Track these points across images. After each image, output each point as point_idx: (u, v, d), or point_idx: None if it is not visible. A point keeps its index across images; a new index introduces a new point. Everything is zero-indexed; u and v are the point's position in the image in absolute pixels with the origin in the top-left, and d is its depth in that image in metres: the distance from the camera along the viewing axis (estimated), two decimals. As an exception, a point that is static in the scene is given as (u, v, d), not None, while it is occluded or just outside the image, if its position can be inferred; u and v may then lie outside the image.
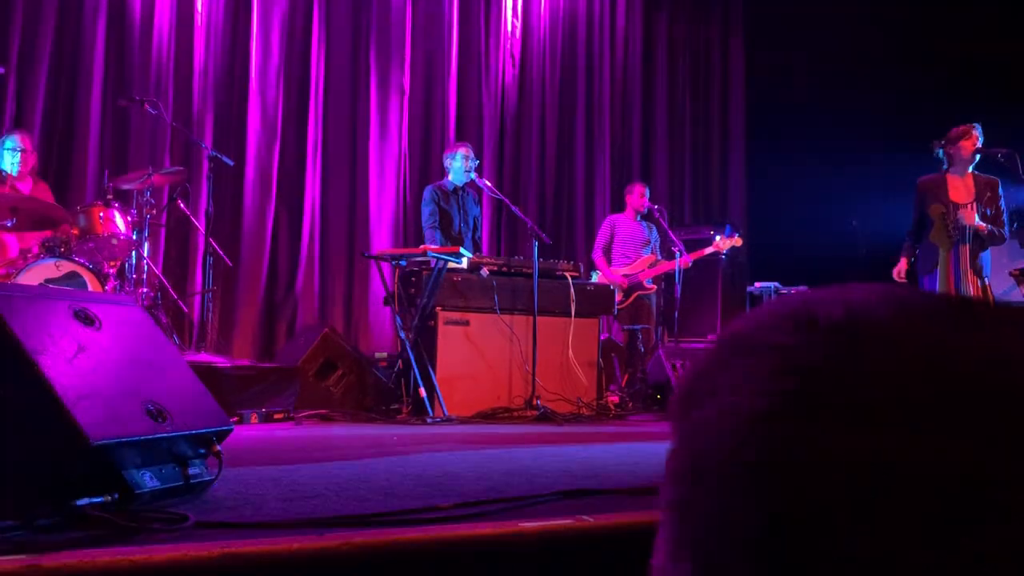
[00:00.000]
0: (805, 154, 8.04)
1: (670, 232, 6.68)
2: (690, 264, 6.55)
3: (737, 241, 6.75)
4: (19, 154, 5.09)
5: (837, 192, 7.85)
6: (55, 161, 6.05)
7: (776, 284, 7.38)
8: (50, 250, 4.63)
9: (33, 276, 4.45)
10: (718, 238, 6.78)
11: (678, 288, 6.52)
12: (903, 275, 5.37)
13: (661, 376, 5.82)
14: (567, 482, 2.44)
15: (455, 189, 6.00)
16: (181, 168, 5.67)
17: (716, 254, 6.78)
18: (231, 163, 5.86)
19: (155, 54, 6.48)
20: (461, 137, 7.60)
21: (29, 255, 4.66)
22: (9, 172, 5.08)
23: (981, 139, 5.20)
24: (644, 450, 3.50)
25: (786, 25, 8.56)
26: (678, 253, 6.46)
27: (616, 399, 5.81)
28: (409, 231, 7.38)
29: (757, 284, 7.52)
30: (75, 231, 4.75)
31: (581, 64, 8.51)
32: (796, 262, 7.59)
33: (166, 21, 6.54)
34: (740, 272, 7.69)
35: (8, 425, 1.96)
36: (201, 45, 6.68)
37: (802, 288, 7.11)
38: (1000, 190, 5.26)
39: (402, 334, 5.11)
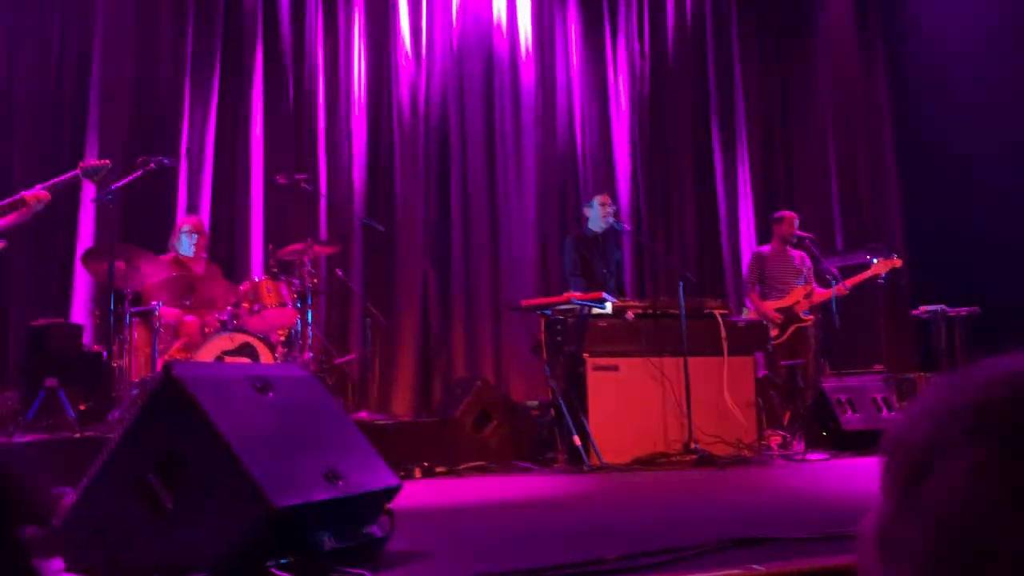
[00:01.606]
0: (965, 162, 7.58)
1: (823, 259, 6.42)
2: (848, 291, 6.27)
3: (896, 262, 6.41)
4: (195, 237, 5.56)
5: (1008, 200, 7.30)
6: (223, 240, 6.55)
7: (942, 307, 6.93)
8: (224, 324, 4.99)
9: (211, 350, 4.81)
10: (875, 261, 6.46)
11: (836, 318, 6.24)
12: None
13: (826, 412, 5.56)
14: (734, 529, 2.37)
15: (595, 236, 6.04)
16: (337, 238, 6.00)
17: (874, 278, 6.45)
18: (382, 229, 6.15)
19: (307, 133, 6.93)
20: (597, 183, 7.67)
21: (206, 330, 5.04)
22: (185, 255, 5.54)
23: None
24: (813, 493, 3.35)
25: (929, 29, 8.17)
26: (834, 281, 6.20)
27: (778, 439, 5.59)
28: (551, 280, 7.48)
29: (922, 308, 7.09)
30: (245, 305, 5.11)
31: (714, 96, 8.43)
32: (964, 281, 7.11)
33: (317, 100, 6.99)
34: (902, 296, 7.29)
35: (201, 493, 2.12)
36: (346, 121, 7.10)
37: (974, 310, 6.66)
38: None
39: (552, 383, 5.15)
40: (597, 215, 6.01)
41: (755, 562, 1.88)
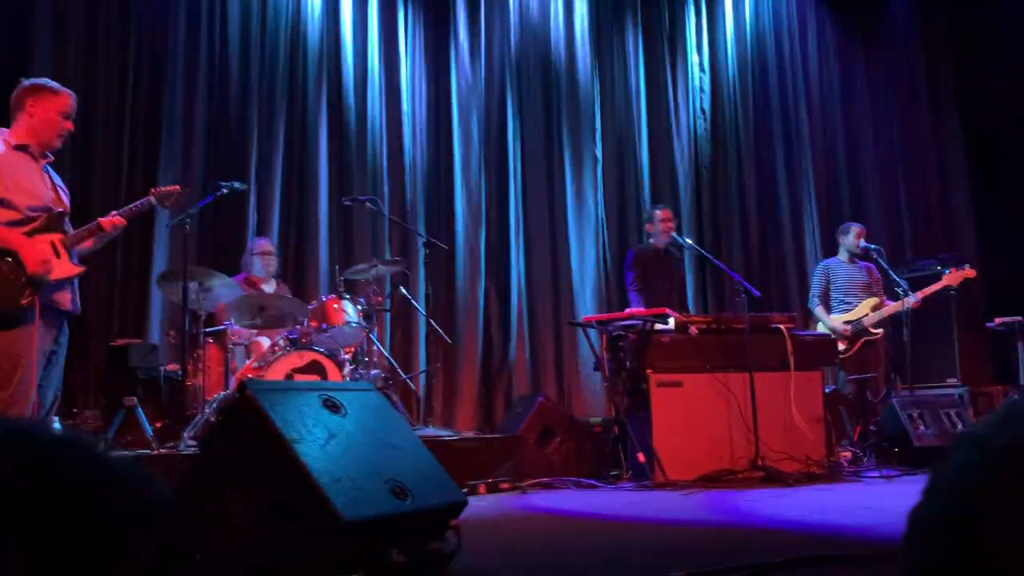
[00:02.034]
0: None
1: (891, 271, 6.28)
2: (919, 304, 6.11)
3: (969, 273, 6.22)
4: (266, 258, 5.73)
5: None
6: (292, 261, 6.72)
7: (1020, 319, 6.70)
8: (293, 342, 5.12)
9: (280, 368, 4.93)
10: (947, 272, 6.28)
11: (907, 331, 6.09)
12: None
13: (897, 428, 5.42)
14: (804, 547, 2.34)
15: (657, 251, 6.01)
16: (400, 257, 6.11)
17: (946, 290, 6.27)
18: (444, 247, 6.24)
19: (370, 155, 7.08)
20: (656, 197, 7.65)
21: (276, 348, 5.18)
22: (256, 276, 5.71)
23: None
24: (884, 510, 3.28)
25: (999, 35, 7.95)
26: (903, 293, 6.06)
27: (848, 455, 5.47)
28: (612, 295, 7.46)
29: (998, 320, 6.86)
30: (314, 323, 5.23)
31: (775, 108, 8.34)
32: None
33: (378, 125, 7.14)
34: (976, 308, 7.07)
35: (274, 507, 2.19)
36: (409, 142, 7.22)
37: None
38: None
39: (615, 399, 5.13)
40: (658, 229, 6.00)
41: (824, 580, 1.86)
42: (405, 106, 7.24)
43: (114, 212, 3.70)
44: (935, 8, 8.80)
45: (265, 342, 5.37)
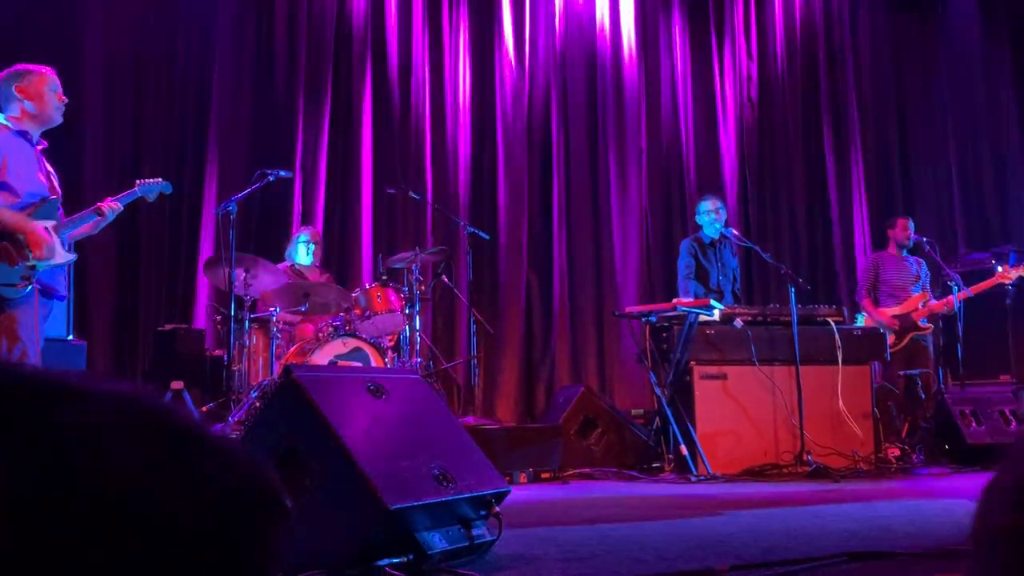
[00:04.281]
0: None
1: (943, 265, 6.13)
2: (969, 297, 5.95)
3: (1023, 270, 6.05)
4: (312, 247, 5.78)
5: None
6: (336, 249, 6.77)
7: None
8: (337, 329, 5.16)
9: (324, 354, 4.98)
10: (1001, 268, 6.11)
11: (960, 326, 5.94)
12: None
13: (948, 424, 5.29)
14: (852, 544, 2.30)
15: (711, 242, 5.93)
16: (443, 246, 6.12)
17: (1001, 285, 6.11)
18: (487, 237, 6.24)
19: (413, 144, 7.10)
20: (702, 187, 7.55)
21: (320, 335, 5.22)
22: (301, 263, 5.76)
23: None
24: (934, 507, 3.20)
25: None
26: (955, 287, 5.91)
27: (897, 451, 5.35)
28: (656, 286, 7.40)
29: (1054, 316, 6.65)
30: (357, 311, 5.26)
31: (825, 98, 8.18)
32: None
33: (424, 112, 7.16)
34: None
35: (319, 492, 2.20)
36: (451, 131, 7.23)
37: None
38: None
39: (657, 391, 5.09)
40: (708, 220, 5.91)
41: (874, 577, 1.81)
42: (449, 96, 7.24)
43: (109, 198, 3.77)
44: (994, -2, 8.55)
45: (309, 329, 5.42)
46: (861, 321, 6.11)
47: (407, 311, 5.43)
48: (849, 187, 8.07)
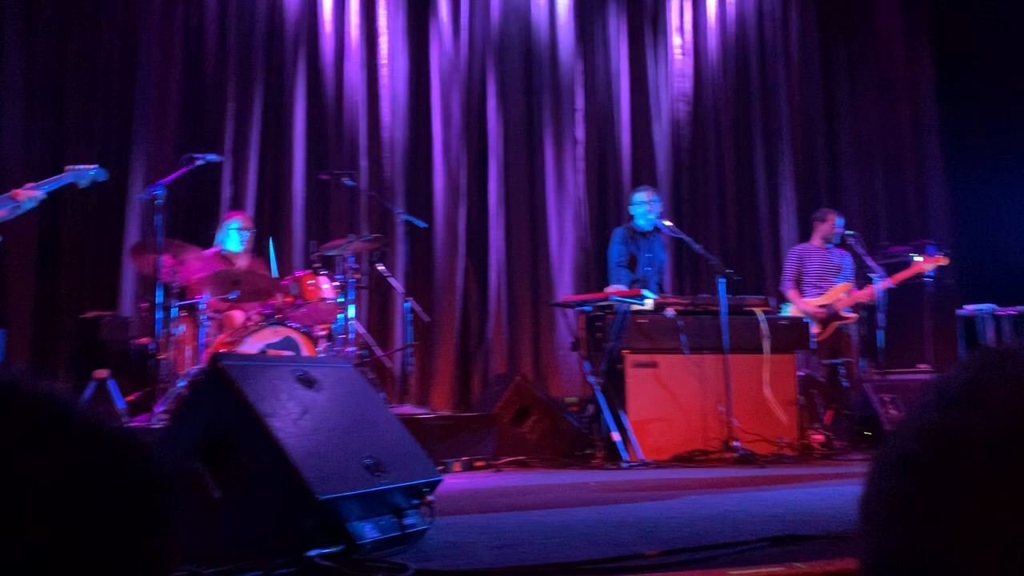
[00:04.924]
0: (1014, 161, 7.42)
1: (867, 257, 6.33)
2: (891, 287, 6.17)
3: (941, 260, 6.28)
4: (245, 234, 5.66)
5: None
6: (268, 235, 6.64)
7: (993, 306, 6.78)
8: (268, 318, 5.07)
9: (255, 342, 4.89)
10: (919, 258, 6.34)
11: (881, 316, 6.15)
12: None
13: (868, 411, 5.48)
14: (775, 527, 2.36)
15: (643, 232, 6.02)
16: (378, 233, 6.06)
17: (919, 276, 6.34)
18: (423, 225, 6.20)
19: (348, 129, 7.01)
20: (637, 179, 7.64)
21: (250, 324, 5.13)
22: (231, 250, 5.64)
23: None
24: (855, 491, 3.31)
25: (977, 23, 8.01)
26: (876, 278, 6.11)
27: (821, 438, 5.52)
28: (592, 276, 7.46)
29: (968, 307, 6.95)
30: (288, 299, 5.18)
31: (756, 94, 8.34)
32: (1014, 280, 6.95)
33: (357, 99, 7.06)
34: (949, 295, 7.14)
35: (247, 483, 2.17)
36: (388, 118, 7.15)
37: (1022, 309, 6.52)
38: None
39: (591, 379, 5.15)
40: (641, 212, 6.00)
41: (797, 560, 1.87)
42: (385, 81, 7.16)
43: (29, 184, 3.64)
44: (918, 1, 8.83)
45: (239, 317, 5.31)
46: (787, 311, 6.28)
47: (340, 299, 5.37)
48: (777, 180, 8.26)
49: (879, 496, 0.45)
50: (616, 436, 4.85)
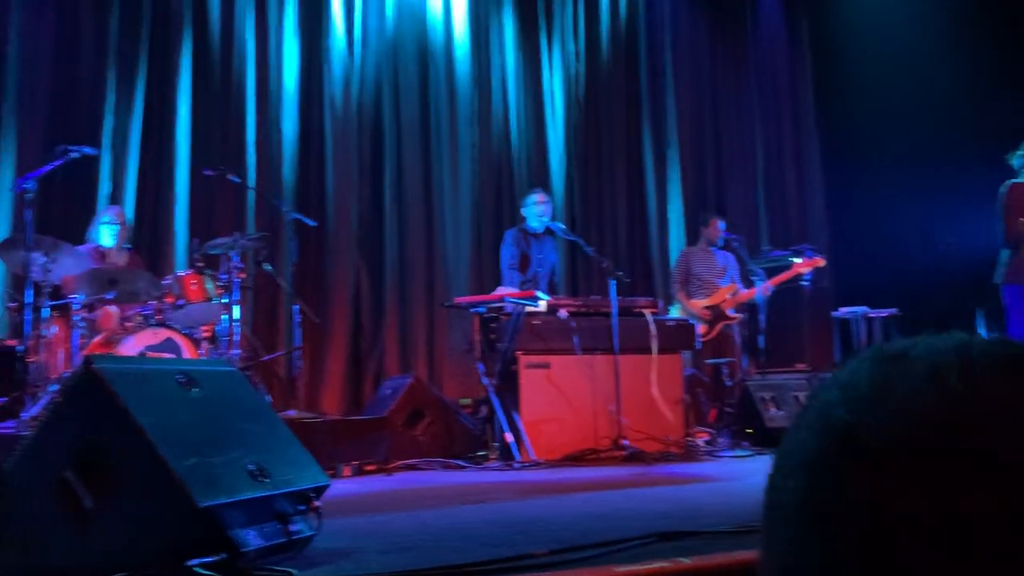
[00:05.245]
0: (886, 170, 7.86)
1: (749, 261, 6.59)
2: (771, 290, 6.44)
3: (819, 262, 6.60)
4: (115, 228, 5.39)
5: (923, 208, 7.61)
6: (147, 232, 6.37)
7: (865, 309, 7.17)
8: (146, 319, 4.86)
9: (133, 344, 4.67)
10: (797, 261, 6.65)
11: (762, 317, 6.41)
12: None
13: (750, 409, 5.70)
14: (662, 524, 2.41)
15: (536, 234, 6.08)
16: (265, 232, 5.89)
17: (798, 279, 6.64)
18: (313, 224, 6.06)
19: (236, 125, 6.79)
20: (531, 181, 7.70)
21: (128, 325, 4.90)
22: (106, 246, 5.37)
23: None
24: (738, 488, 3.43)
25: (854, 38, 8.46)
26: (758, 281, 6.36)
27: (705, 435, 5.71)
28: (486, 278, 7.47)
29: (844, 309, 7.32)
30: (169, 298, 4.97)
31: (646, 100, 8.55)
32: (885, 284, 7.36)
33: (247, 90, 6.85)
34: (825, 297, 7.51)
35: (122, 490, 2.06)
36: (278, 114, 6.97)
37: (894, 312, 6.92)
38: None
39: (485, 380, 5.15)
40: (534, 213, 6.06)
41: (683, 555, 1.91)
42: (274, 75, 6.97)
43: None
44: (799, 9, 9.26)
45: (115, 318, 5.06)
46: (675, 312, 6.46)
47: (225, 300, 5.19)
48: (666, 185, 8.49)
49: (785, 497, 0.44)
50: (509, 437, 4.87)
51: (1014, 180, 5.34)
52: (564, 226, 6.30)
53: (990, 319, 6.62)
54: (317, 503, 2.32)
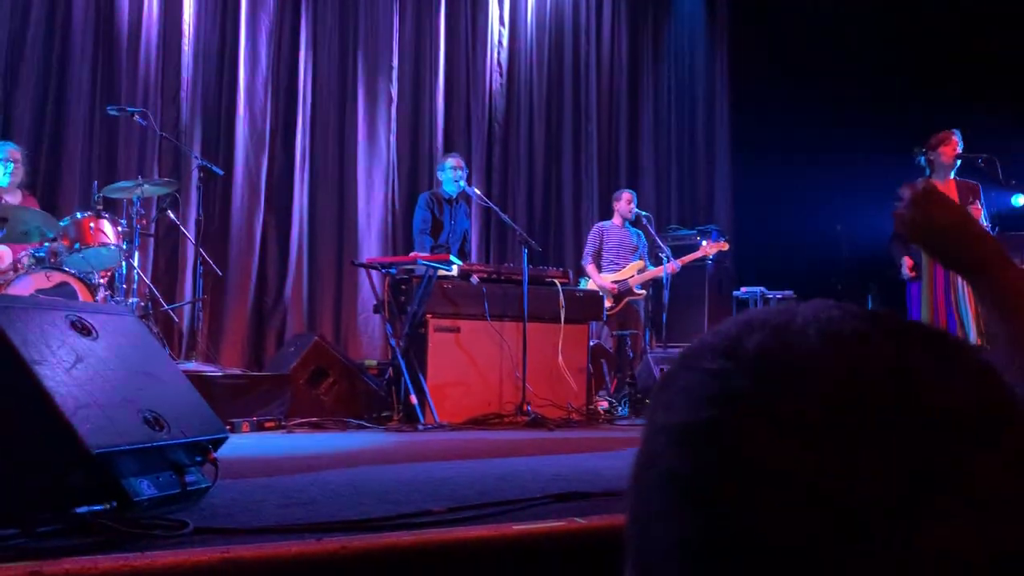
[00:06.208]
0: (790, 159, 8.14)
1: (657, 238, 6.74)
2: (678, 269, 6.61)
3: (723, 245, 6.82)
4: (8, 165, 5.10)
5: (822, 196, 7.95)
6: (44, 172, 6.05)
7: (762, 289, 7.45)
8: (40, 261, 4.64)
9: (24, 286, 4.46)
10: (704, 243, 6.85)
11: (666, 293, 6.58)
12: (912, 270, 5.36)
13: (649, 381, 5.87)
14: (559, 486, 2.47)
15: (449, 199, 6.05)
16: (170, 178, 5.68)
17: (703, 259, 6.85)
18: (220, 172, 5.87)
19: (143, 65, 6.49)
20: (449, 145, 7.65)
21: (19, 266, 4.67)
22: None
23: (961, 144, 5.29)
24: (633, 454, 3.53)
25: (770, 29, 8.68)
26: (665, 259, 6.53)
27: (606, 404, 5.85)
28: (398, 239, 7.42)
29: (743, 289, 7.60)
30: (65, 241, 4.76)
31: (568, 72, 8.59)
32: (782, 267, 7.67)
33: (154, 32, 6.55)
34: (727, 277, 7.76)
35: (8, 434, 1.98)
36: (189, 56, 6.69)
37: (788, 294, 7.21)
38: (982, 195, 5.34)
39: (392, 342, 5.14)
40: (449, 177, 6.04)
41: (577, 515, 1.97)
42: (187, 16, 6.68)
43: None
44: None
45: (6, 258, 4.82)
46: (585, 284, 6.57)
47: (125, 246, 5.00)
48: (582, 158, 8.57)
49: (667, 465, 0.44)
50: (414, 399, 4.88)
51: (924, 178, 5.54)
52: (480, 192, 6.30)
53: (878, 303, 6.99)
54: (215, 455, 2.28)
